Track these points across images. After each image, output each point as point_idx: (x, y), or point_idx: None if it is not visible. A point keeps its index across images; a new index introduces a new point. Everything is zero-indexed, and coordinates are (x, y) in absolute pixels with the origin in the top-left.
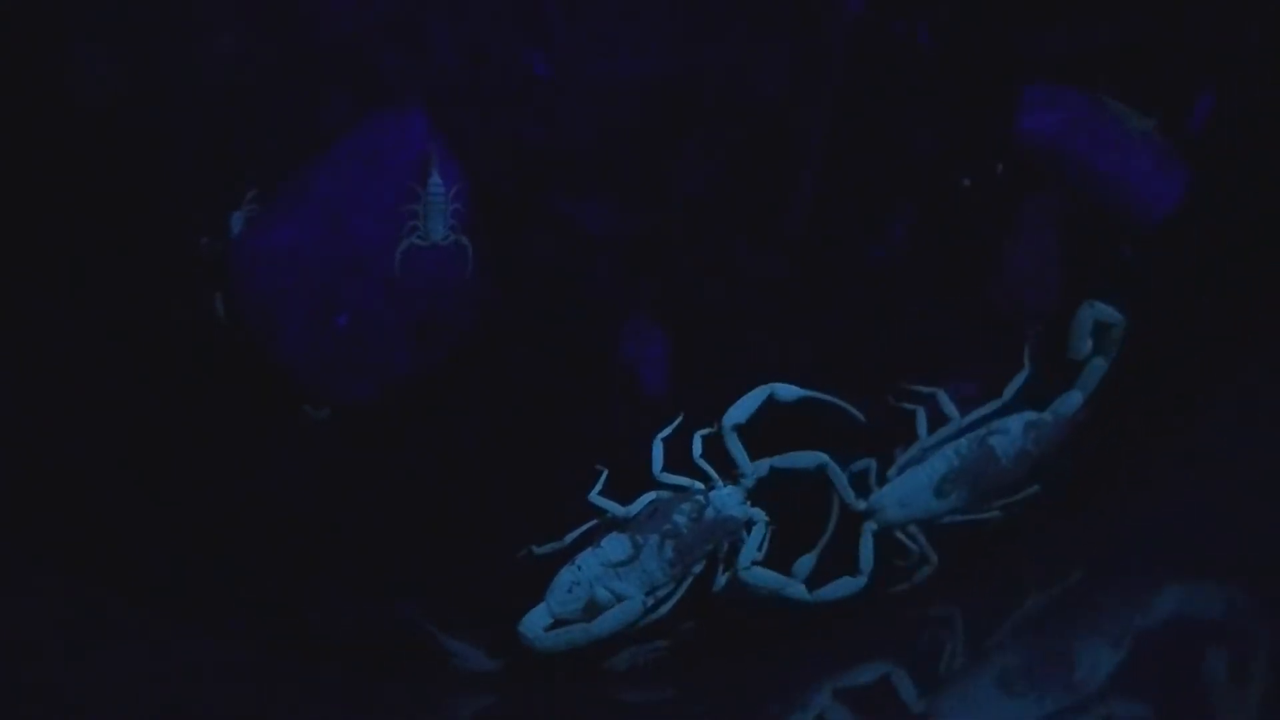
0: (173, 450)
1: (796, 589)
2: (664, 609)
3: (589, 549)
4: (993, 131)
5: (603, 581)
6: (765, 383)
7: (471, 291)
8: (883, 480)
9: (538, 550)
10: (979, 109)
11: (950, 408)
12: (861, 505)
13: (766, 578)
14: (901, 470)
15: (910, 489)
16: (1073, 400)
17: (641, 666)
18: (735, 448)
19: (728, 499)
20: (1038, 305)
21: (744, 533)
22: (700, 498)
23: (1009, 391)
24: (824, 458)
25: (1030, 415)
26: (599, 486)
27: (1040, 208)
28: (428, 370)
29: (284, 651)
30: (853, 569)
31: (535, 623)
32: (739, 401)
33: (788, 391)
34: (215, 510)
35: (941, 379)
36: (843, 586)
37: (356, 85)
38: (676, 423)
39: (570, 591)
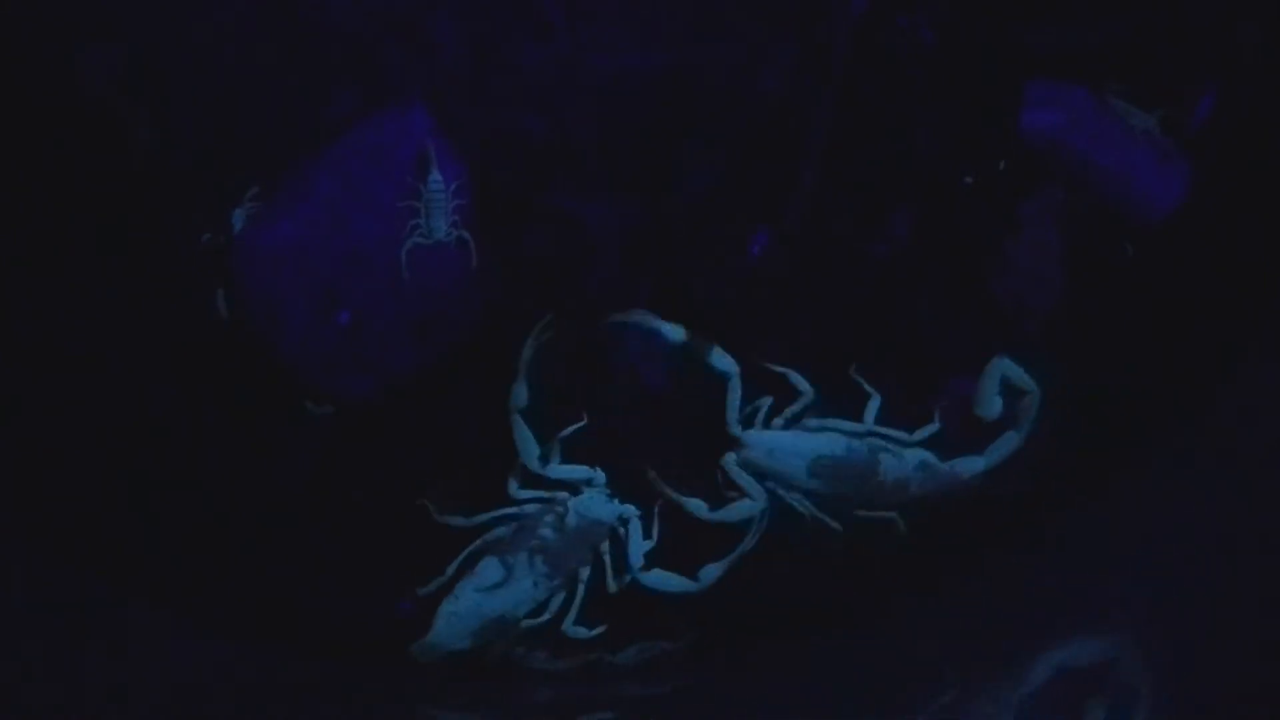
0: (174, 447)
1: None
2: (569, 618)
3: (465, 577)
4: (995, 128)
5: (484, 605)
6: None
7: (473, 288)
8: (768, 423)
9: (421, 591)
10: (981, 106)
11: (870, 414)
12: (736, 431)
13: (667, 581)
14: (789, 425)
15: (787, 447)
16: (973, 465)
17: (646, 662)
18: (563, 474)
19: (589, 503)
20: (1039, 302)
21: (621, 531)
22: (560, 507)
23: (917, 435)
24: (736, 369)
25: (929, 457)
26: (442, 505)
27: (1042, 205)
28: (430, 367)
29: (283, 649)
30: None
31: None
32: (521, 444)
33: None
34: (216, 507)
35: (944, 376)
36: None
37: (358, 82)
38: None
39: (448, 623)
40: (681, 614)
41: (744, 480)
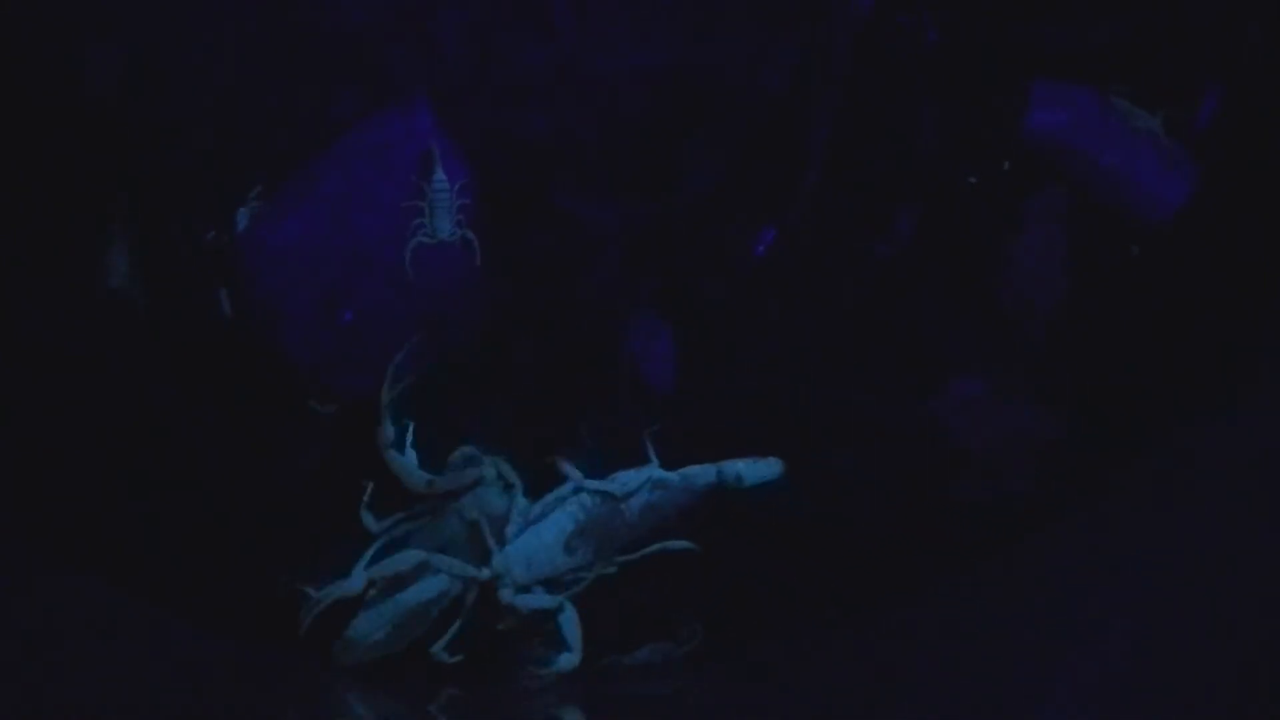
0: (174, 447)
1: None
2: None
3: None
4: (999, 129)
5: (400, 598)
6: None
7: (477, 288)
8: (501, 540)
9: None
10: (984, 106)
11: (574, 473)
12: (487, 573)
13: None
14: (521, 530)
15: (536, 547)
16: (704, 475)
17: (658, 663)
18: (452, 484)
19: (484, 496)
20: (1042, 302)
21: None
22: (459, 502)
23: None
24: (422, 556)
25: (657, 473)
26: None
27: (1046, 206)
28: (433, 366)
29: (283, 648)
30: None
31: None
32: (405, 476)
33: None
34: (216, 507)
35: (944, 376)
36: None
37: (362, 80)
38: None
39: (366, 619)
40: (694, 614)
41: (532, 602)
